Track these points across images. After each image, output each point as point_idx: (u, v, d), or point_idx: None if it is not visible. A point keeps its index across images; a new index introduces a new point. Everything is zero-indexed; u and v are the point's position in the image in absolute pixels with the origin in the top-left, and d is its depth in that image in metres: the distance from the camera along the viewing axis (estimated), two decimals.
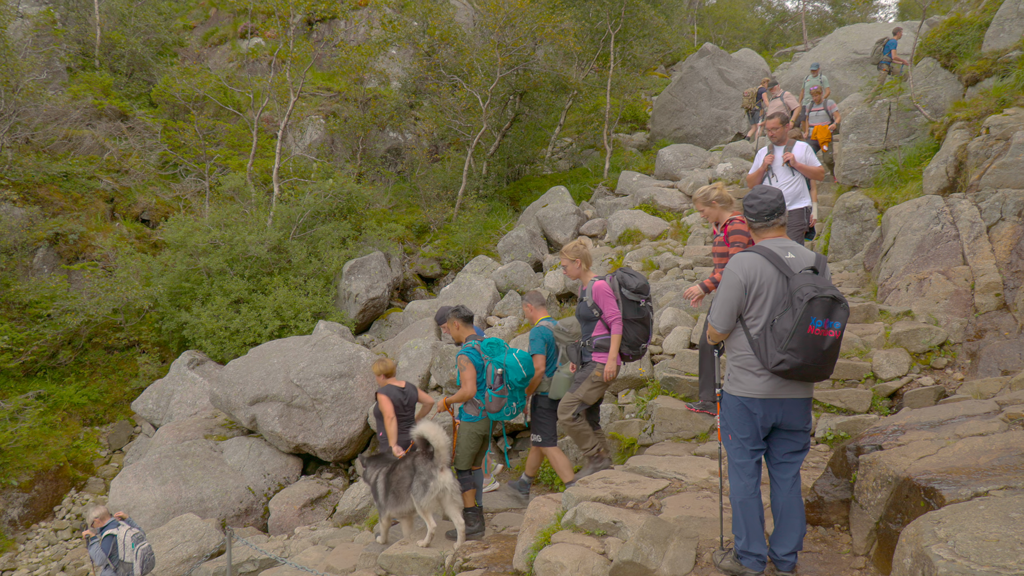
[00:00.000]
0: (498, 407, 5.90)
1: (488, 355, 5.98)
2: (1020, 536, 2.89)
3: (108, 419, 13.82)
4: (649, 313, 5.87)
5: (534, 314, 6.55)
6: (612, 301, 5.75)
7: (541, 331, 6.31)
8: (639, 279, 5.80)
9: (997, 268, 7.45)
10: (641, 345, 5.87)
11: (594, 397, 5.87)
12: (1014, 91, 9.83)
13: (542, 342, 6.25)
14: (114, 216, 17.25)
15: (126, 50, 22.33)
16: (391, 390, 6.72)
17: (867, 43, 23.35)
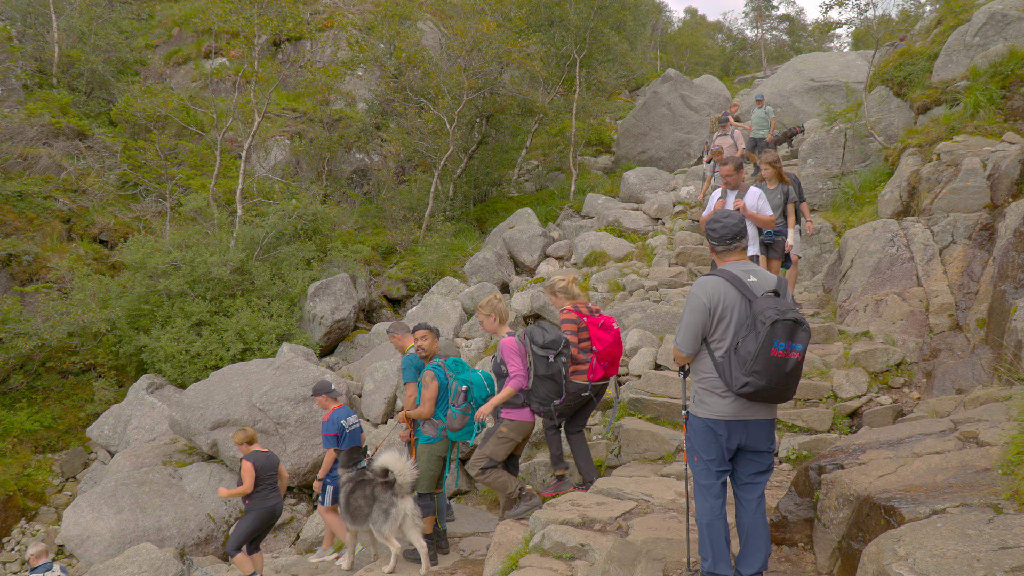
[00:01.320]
0: (461, 424, 5.87)
1: (453, 372, 5.98)
2: (976, 553, 2.96)
3: (61, 446, 13.38)
4: (560, 369, 5.61)
5: (402, 343, 6.73)
6: (517, 358, 5.61)
7: (412, 359, 6.39)
8: (550, 335, 5.65)
9: (950, 289, 7.69)
10: (553, 401, 5.63)
11: (502, 453, 5.72)
12: (962, 119, 10.21)
13: (414, 370, 6.32)
14: (71, 237, 16.85)
15: (85, 68, 21.95)
16: (257, 455, 6.98)
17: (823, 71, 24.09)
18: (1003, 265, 6.70)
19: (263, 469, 6.93)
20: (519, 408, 5.69)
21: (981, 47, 11.25)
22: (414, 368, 6.31)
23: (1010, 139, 9.34)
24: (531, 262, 15.97)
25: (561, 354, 5.62)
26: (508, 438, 5.69)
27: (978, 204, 8.31)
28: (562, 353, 5.63)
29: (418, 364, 6.29)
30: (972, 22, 11.61)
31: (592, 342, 5.92)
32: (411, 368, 6.32)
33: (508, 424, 5.71)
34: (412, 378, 6.28)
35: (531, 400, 5.65)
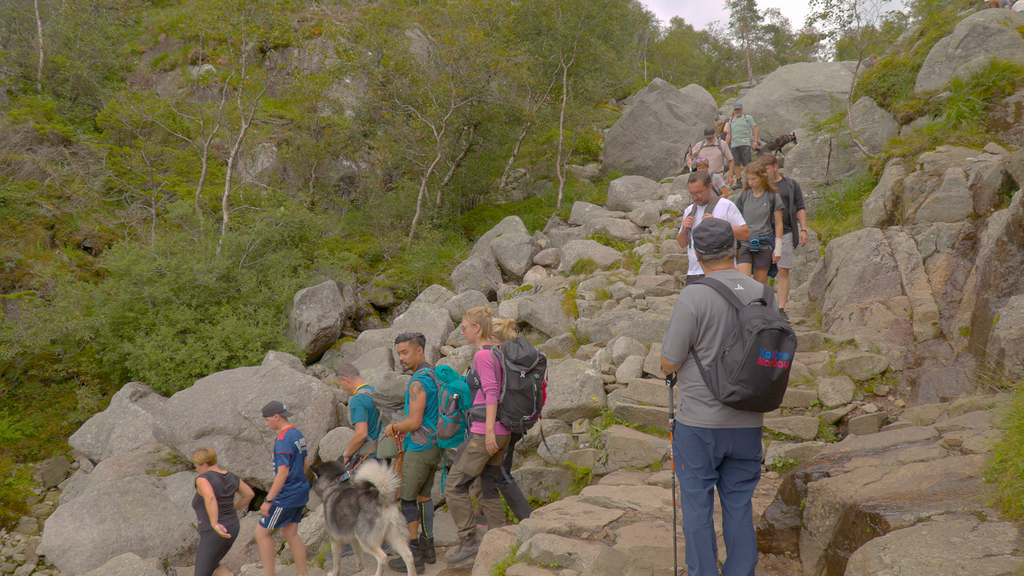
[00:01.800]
0: (452, 432, 5.93)
1: (442, 381, 6.02)
2: (961, 560, 2.98)
3: (43, 455, 13.19)
4: (532, 385, 5.67)
5: (351, 385, 6.86)
6: (490, 371, 5.64)
7: (361, 399, 6.58)
8: (524, 351, 5.71)
9: (933, 298, 7.76)
10: (523, 417, 5.68)
11: (475, 468, 5.73)
12: (945, 129, 10.35)
13: (363, 410, 6.52)
14: (54, 243, 16.68)
15: (71, 74, 21.78)
16: (212, 476, 6.98)
17: (808, 81, 24.34)
18: (986, 274, 6.77)
19: (218, 490, 6.91)
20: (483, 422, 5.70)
21: (963, 59, 11.41)
22: (363, 408, 6.52)
23: (992, 150, 9.47)
24: (518, 270, 15.98)
25: (534, 371, 5.69)
26: (479, 452, 5.71)
27: (961, 214, 8.41)
28: (535, 370, 5.70)
29: (367, 404, 6.53)
30: (954, 34, 11.78)
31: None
32: (360, 408, 6.53)
33: (477, 439, 5.72)
34: (361, 418, 6.51)
35: (501, 414, 5.66)
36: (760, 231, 8.18)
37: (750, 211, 8.29)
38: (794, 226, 8.70)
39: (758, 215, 8.22)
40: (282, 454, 6.84)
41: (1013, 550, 2.99)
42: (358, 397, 6.63)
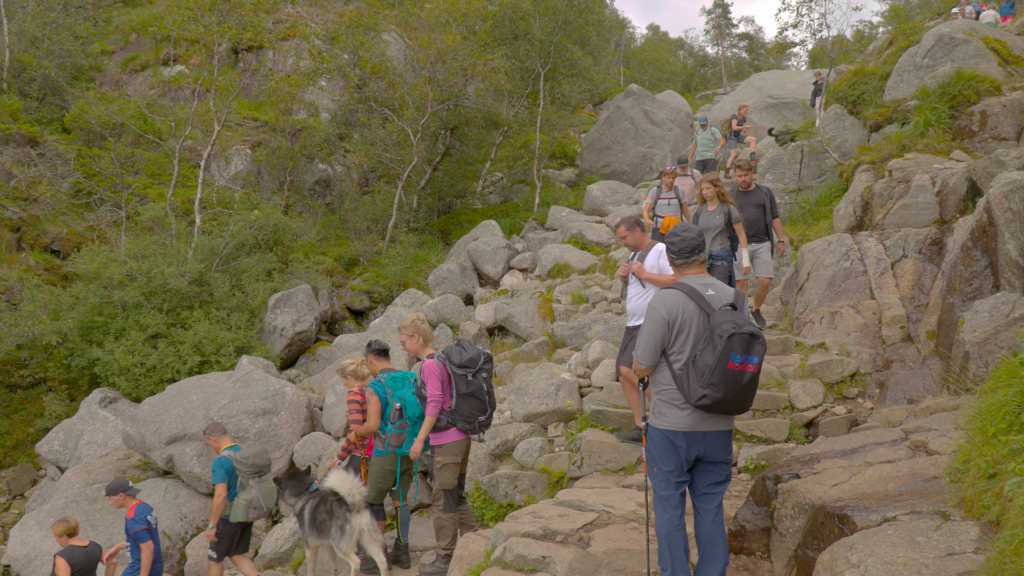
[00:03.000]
0: (399, 442, 6.03)
1: (392, 389, 6.11)
2: (925, 559, 3.04)
3: (9, 462, 12.91)
4: (482, 385, 5.69)
5: (216, 444, 6.96)
6: (436, 381, 5.65)
7: (222, 462, 6.71)
8: (468, 353, 5.71)
9: (901, 302, 7.91)
10: (478, 419, 5.70)
11: (450, 479, 5.74)
12: (913, 137, 10.56)
13: (223, 472, 6.66)
14: (20, 246, 16.35)
15: (38, 73, 21.38)
16: (73, 552, 6.54)
17: (781, 88, 24.70)
18: (951, 279, 6.92)
19: (78, 566, 6.45)
20: (444, 431, 5.73)
21: (930, 68, 11.66)
22: (223, 470, 6.66)
23: (957, 157, 9.68)
24: (495, 274, 15.99)
25: (481, 370, 5.70)
26: (447, 463, 5.73)
27: (928, 219, 8.59)
28: (482, 369, 5.72)
29: (227, 467, 6.68)
30: (922, 44, 12.03)
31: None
32: (220, 470, 6.66)
33: (439, 450, 5.75)
34: (221, 479, 6.64)
35: (456, 420, 5.68)
36: (712, 247, 7.85)
37: (703, 225, 7.92)
38: (771, 236, 8.56)
39: (712, 226, 7.87)
40: (141, 530, 6.57)
41: (975, 548, 3.05)
42: (219, 459, 6.73)
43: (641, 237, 6.39)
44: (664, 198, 10.38)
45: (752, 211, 8.42)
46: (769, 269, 8.57)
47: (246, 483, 6.68)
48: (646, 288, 6.21)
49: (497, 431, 8.08)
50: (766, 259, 8.51)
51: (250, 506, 6.65)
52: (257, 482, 6.71)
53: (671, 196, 10.37)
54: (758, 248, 8.48)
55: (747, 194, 8.50)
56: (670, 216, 9.95)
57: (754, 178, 8.98)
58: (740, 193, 8.51)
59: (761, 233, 8.47)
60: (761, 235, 8.47)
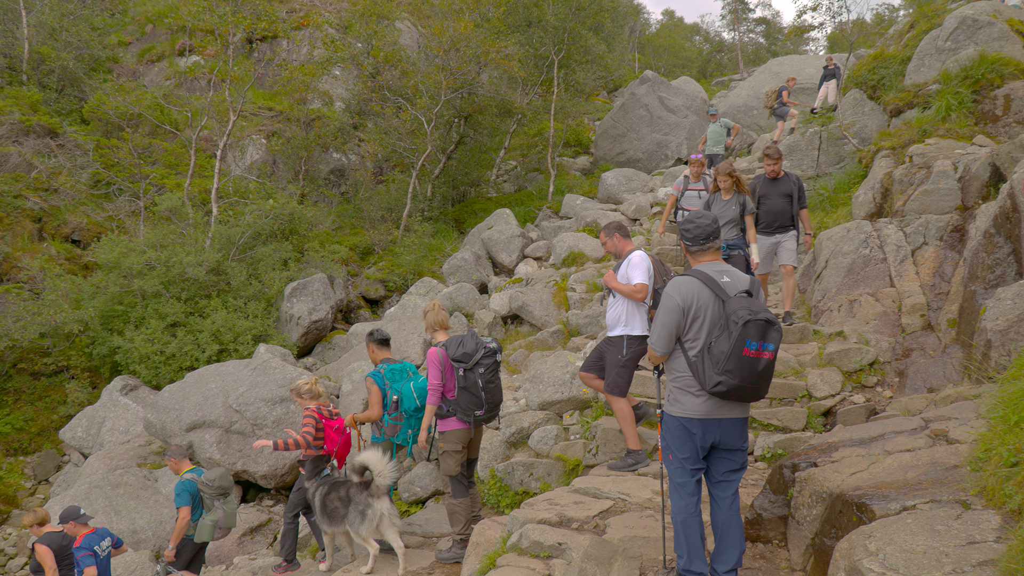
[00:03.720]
0: (394, 432, 6.19)
1: (390, 381, 6.23)
2: (945, 548, 3.02)
3: (34, 448, 13.14)
4: (477, 381, 5.58)
5: (177, 467, 7.04)
6: (436, 370, 5.65)
7: (186, 485, 6.78)
8: (464, 347, 5.60)
9: (922, 290, 7.82)
10: (473, 412, 5.62)
11: (453, 466, 5.75)
12: (934, 122, 10.39)
13: (187, 495, 6.74)
14: (42, 236, 16.56)
15: (56, 65, 21.57)
16: (51, 537, 6.75)
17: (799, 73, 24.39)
18: (973, 266, 6.82)
19: (61, 550, 6.66)
20: (446, 418, 5.74)
21: (952, 51, 11.45)
22: (187, 493, 6.75)
23: (980, 142, 9.52)
24: (509, 263, 15.98)
25: (479, 365, 5.59)
26: (449, 451, 5.75)
27: (949, 206, 8.46)
28: (480, 364, 5.60)
29: (191, 490, 6.78)
30: (944, 27, 11.81)
31: (325, 440, 6.42)
32: (184, 493, 6.75)
33: (442, 437, 5.78)
34: (185, 502, 6.72)
35: (456, 410, 5.67)
36: (727, 236, 7.73)
37: (718, 215, 7.72)
38: (797, 226, 8.19)
39: (726, 219, 7.73)
40: (85, 555, 6.55)
41: (996, 537, 3.02)
42: (182, 483, 6.81)
43: (621, 243, 6.09)
44: (692, 189, 9.60)
45: (778, 201, 8.07)
46: (793, 257, 8.24)
47: (211, 505, 6.87)
48: (617, 298, 5.97)
49: (512, 419, 8.10)
50: (790, 247, 8.19)
51: (216, 526, 6.83)
52: (222, 503, 6.93)
53: (700, 187, 9.59)
54: (783, 238, 8.15)
55: (775, 183, 8.14)
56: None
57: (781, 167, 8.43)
58: (767, 181, 8.16)
59: (787, 223, 8.12)
60: (787, 225, 8.12)
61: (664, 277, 5.92)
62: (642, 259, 5.85)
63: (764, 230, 8.17)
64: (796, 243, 8.20)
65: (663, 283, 5.77)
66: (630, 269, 5.82)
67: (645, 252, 5.98)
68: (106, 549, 6.83)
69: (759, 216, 8.15)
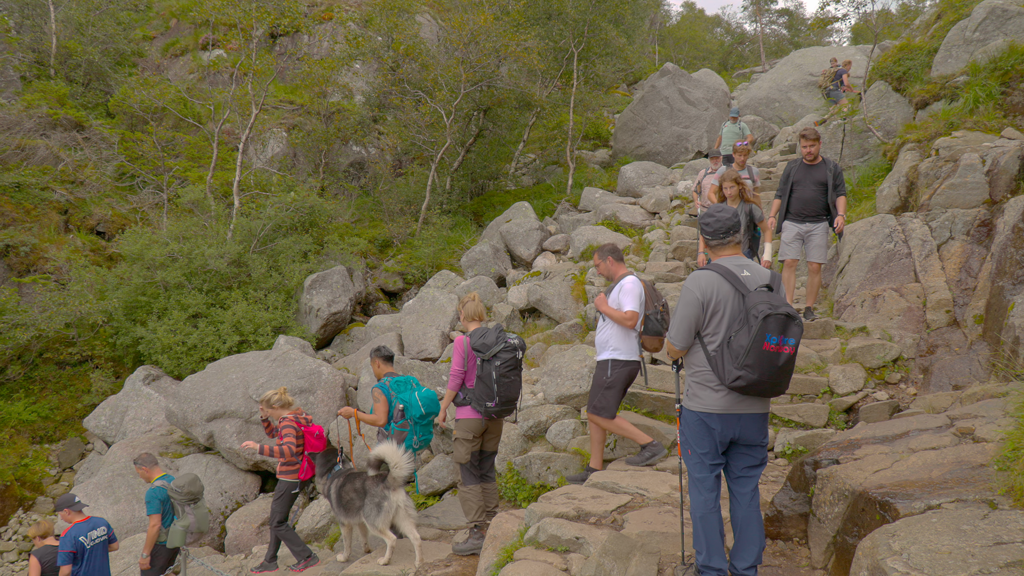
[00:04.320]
0: (400, 440, 6.34)
1: (395, 391, 6.45)
2: (971, 548, 2.96)
3: (58, 436, 13.37)
4: (492, 373, 5.64)
5: (148, 474, 7.14)
6: (459, 357, 5.80)
7: (156, 492, 6.88)
8: (486, 338, 5.69)
9: (947, 285, 7.68)
10: (485, 403, 5.69)
11: (464, 454, 5.81)
12: (962, 115, 10.19)
13: (157, 502, 6.84)
14: (68, 228, 16.80)
15: (83, 59, 21.85)
16: (46, 551, 6.88)
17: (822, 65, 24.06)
18: (1001, 261, 6.69)
19: (49, 565, 6.78)
20: (462, 406, 5.87)
21: (981, 42, 11.22)
22: (157, 501, 6.84)
23: (1009, 135, 9.32)
24: (528, 256, 15.96)
25: (496, 357, 5.65)
26: (461, 439, 5.86)
27: (976, 200, 8.30)
28: (497, 356, 5.65)
29: (161, 497, 6.88)
30: (972, 17, 11.58)
31: (306, 447, 6.62)
32: (155, 501, 6.84)
33: (457, 424, 5.90)
34: (156, 510, 6.82)
35: (471, 399, 5.77)
36: None
37: None
38: (831, 216, 7.80)
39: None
40: (62, 552, 6.68)
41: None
42: (153, 490, 6.89)
43: (614, 267, 6.10)
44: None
45: (811, 188, 7.76)
46: (822, 253, 7.89)
47: (181, 510, 6.97)
48: (606, 321, 5.99)
49: (530, 412, 8.09)
50: (819, 242, 7.82)
51: (187, 531, 6.95)
52: (193, 508, 7.04)
53: (744, 177, 8.93)
54: (813, 229, 7.83)
55: (810, 169, 7.80)
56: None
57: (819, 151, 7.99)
58: (803, 167, 7.86)
59: (819, 212, 7.80)
60: (819, 214, 7.81)
61: (655, 303, 5.93)
62: (634, 285, 5.86)
63: (794, 218, 7.93)
64: (827, 237, 7.91)
65: (654, 309, 5.87)
66: (622, 295, 5.84)
67: (638, 277, 6.00)
68: (97, 539, 6.97)
69: (790, 202, 7.89)
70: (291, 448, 6.68)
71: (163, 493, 6.94)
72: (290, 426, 6.67)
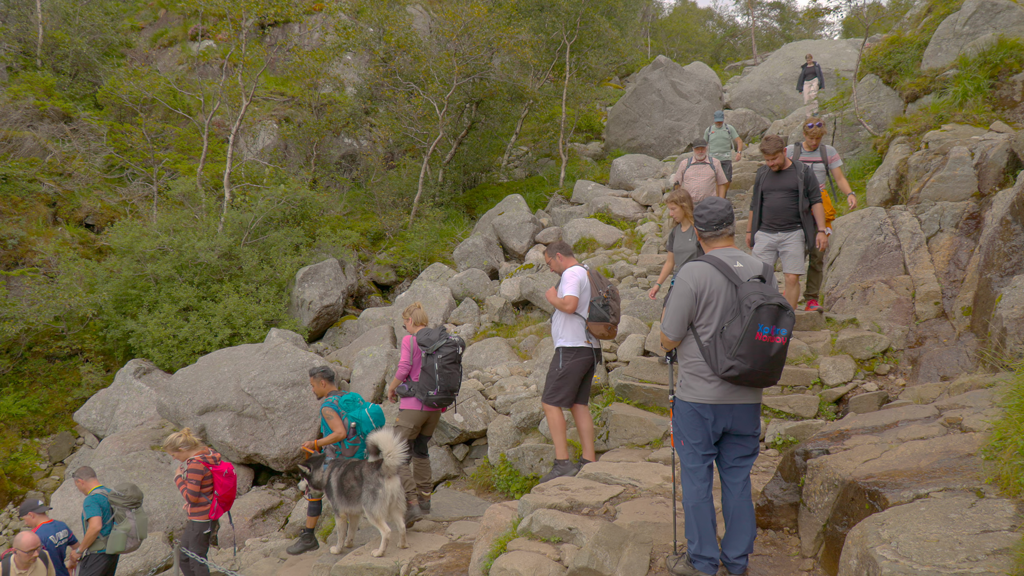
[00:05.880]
0: (352, 454, 6.66)
1: (344, 410, 6.77)
2: (959, 536, 3.00)
3: (49, 430, 13.31)
4: (434, 364, 6.52)
5: (85, 486, 7.16)
6: (406, 353, 6.64)
7: (96, 498, 6.95)
8: (430, 335, 6.61)
9: (936, 278, 7.75)
10: (428, 392, 6.55)
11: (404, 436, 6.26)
12: (951, 108, 10.26)
13: (97, 507, 6.91)
14: (56, 220, 16.68)
15: (70, 50, 21.64)
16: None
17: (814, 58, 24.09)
18: (989, 253, 6.75)
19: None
20: (407, 397, 6.68)
21: (971, 36, 11.28)
22: (98, 506, 6.90)
23: (998, 128, 9.40)
24: (520, 248, 15.97)
25: (439, 351, 6.54)
26: (403, 426, 6.60)
27: (965, 193, 8.37)
28: (440, 350, 6.54)
29: (102, 503, 6.93)
30: (962, 11, 11.64)
31: (216, 487, 6.68)
32: (95, 505, 6.90)
33: (401, 414, 6.72)
34: (96, 513, 6.87)
35: (416, 391, 6.60)
36: None
37: (678, 248, 7.28)
38: (805, 225, 7.22)
39: (684, 252, 7.17)
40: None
41: (1011, 526, 3.01)
42: (93, 496, 6.95)
43: (563, 261, 6.41)
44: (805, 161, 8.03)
45: (780, 197, 7.22)
46: (798, 264, 7.29)
47: (122, 515, 7.00)
48: (556, 312, 6.34)
49: (523, 404, 8.12)
50: (794, 252, 7.26)
51: (128, 536, 6.96)
52: (134, 513, 7.08)
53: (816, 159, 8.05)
54: (786, 239, 7.26)
55: (778, 176, 7.30)
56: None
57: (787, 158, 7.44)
58: (771, 174, 7.36)
59: (791, 221, 7.22)
60: (791, 223, 7.23)
61: (600, 290, 6.21)
62: (573, 274, 6.22)
63: (766, 228, 7.38)
64: (802, 246, 7.29)
65: (599, 296, 6.16)
66: (562, 284, 6.24)
67: (584, 267, 6.35)
68: (60, 540, 7.08)
69: (762, 212, 7.40)
70: (192, 493, 6.53)
71: (103, 499, 6.96)
72: (195, 470, 6.54)
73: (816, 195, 7.24)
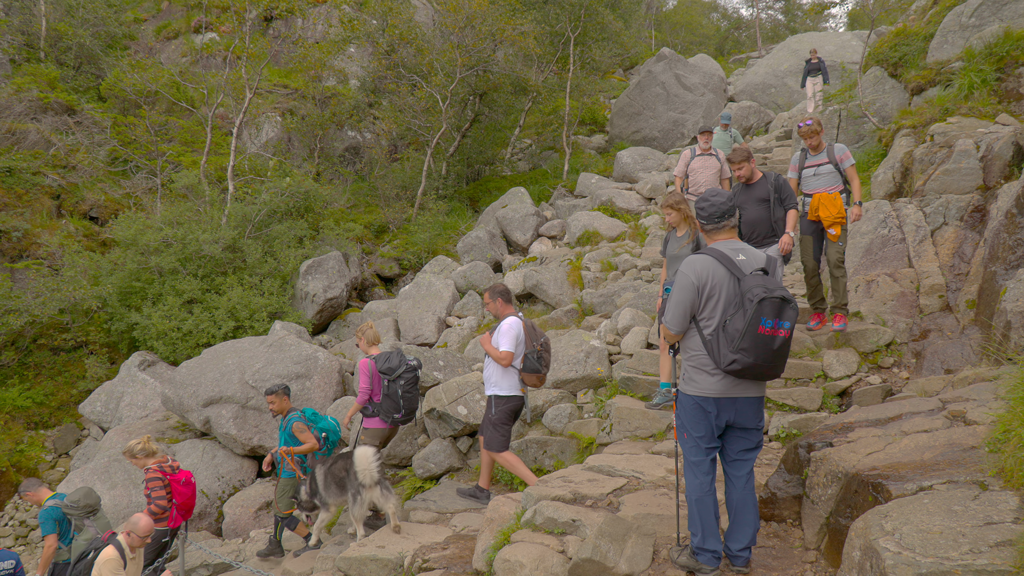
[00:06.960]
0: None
1: (312, 422, 7.23)
2: (962, 528, 3.01)
3: (54, 422, 13.37)
4: (397, 391, 6.94)
5: (36, 497, 7.05)
6: (364, 377, 6.93)
7: (50, 512, 6.75)
8: (391, 362, 6.98)
9: (941, 271, 7.73)
10: (393, 415, 7.00)
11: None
12: (957, 100, 10.21)
13: (52, 522, 6.72)
14: (60, 213, 16.70)
15: (73, 42, 21.60)
16: None
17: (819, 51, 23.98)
18: (994, 247, 6.73)
19: None
20: (371, 418, 7.10)
21: (977, 28, 11.21)
22: (52, 520, 6.72)
23: (1004, 121, 9.35)
24: (524, 241, 15.96)
25: (400, 377, 6.95)
26: (367, 443, 6.95)
27: (971, 186, 8.34)
28: (401, 377, 6.95)
29: (56, 516, 6.74)
30: (968, 2, 11.56)
31: (173, 495, 6.68)
32: (49, 521, 6.72)
33: (365, 432, 7.16)
34: (51, 530, 6.69)
35: (379, 412, 7.01)
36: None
37: (670, 254, 6.86)
38: (778, 232, 7.03)
39: (679, 257, 6.71)
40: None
41: (1014, 518, 3.01)
42: (46, 511, 6.73)
43: (502, 308, 6.59)
44: (811, 165, 7.38)
45: (755, 209, 7.01)
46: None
47: (81, 525, 6.81)
48: (489, 359, 6.51)
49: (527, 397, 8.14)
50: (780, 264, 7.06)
51: (90, 544, 6.75)
52: (93, 520, 6.89)
53: (823, 160, 7.30)
54: (768, 251, 6.92)
55: (750, 188, 7.10)
56: (823, 193, 7.17)
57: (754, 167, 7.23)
58: (742, 188, 7.16)
59: (768, 234, 7.02)
60: (769, 236, 7.02)
61: (534, 342, 6.43)
62: (510, 327, 6.38)
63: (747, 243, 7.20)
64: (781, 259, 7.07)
65: (532, 348, 6.40)
66: (500, 335, 6.37)
67: (519, 318, 6.53)
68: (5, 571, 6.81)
69: (740, 228, 7.06)
70: (160, 505, 6.46)
71: (57, 512, 6.76)
72: (156, 479, 6.46)
73: (790, 202, 7.04)
